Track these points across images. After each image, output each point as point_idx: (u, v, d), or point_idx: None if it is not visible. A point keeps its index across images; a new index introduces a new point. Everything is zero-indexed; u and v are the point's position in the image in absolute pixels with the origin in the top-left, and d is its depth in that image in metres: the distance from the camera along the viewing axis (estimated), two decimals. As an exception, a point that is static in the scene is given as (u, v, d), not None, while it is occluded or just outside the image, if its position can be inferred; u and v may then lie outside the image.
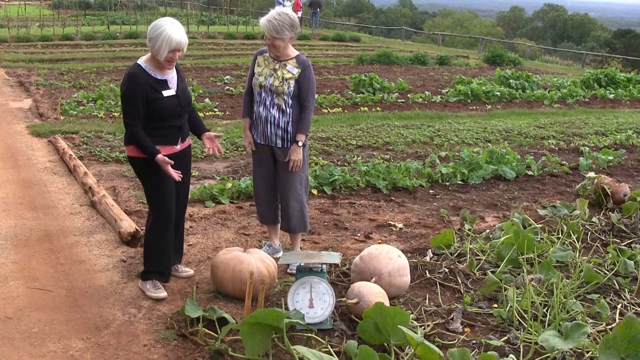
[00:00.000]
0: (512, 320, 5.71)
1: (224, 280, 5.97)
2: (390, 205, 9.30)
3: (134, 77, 5.69)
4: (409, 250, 7.39)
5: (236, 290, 5.93)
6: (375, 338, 4.88)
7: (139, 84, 5.66)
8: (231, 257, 6.00)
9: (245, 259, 5.96)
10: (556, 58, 50.52)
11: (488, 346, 5.23)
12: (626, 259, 6.96)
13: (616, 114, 19.45)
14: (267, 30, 6.26)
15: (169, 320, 5.56)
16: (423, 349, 4.46)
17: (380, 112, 17.36)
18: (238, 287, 5.89)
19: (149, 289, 6.00)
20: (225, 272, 5.95)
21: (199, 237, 7.57)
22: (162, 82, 5.80)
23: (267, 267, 6.00)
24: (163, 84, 5.79)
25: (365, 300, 5.44)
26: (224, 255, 6.07)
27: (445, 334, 5.54)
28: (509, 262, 6.78)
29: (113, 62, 24.44)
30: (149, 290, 5.99)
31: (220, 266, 5.99)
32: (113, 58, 26.05)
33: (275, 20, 6.22)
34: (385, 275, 5.94)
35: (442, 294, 6.31)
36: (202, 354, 5.07)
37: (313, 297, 5.47)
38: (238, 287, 5.89)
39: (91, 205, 8.53)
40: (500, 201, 9.72)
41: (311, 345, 5.04)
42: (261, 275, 5.79)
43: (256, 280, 5.61)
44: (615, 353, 4.56)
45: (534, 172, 11.34)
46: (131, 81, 5.68)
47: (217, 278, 6.03)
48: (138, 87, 5.65)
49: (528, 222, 8.17)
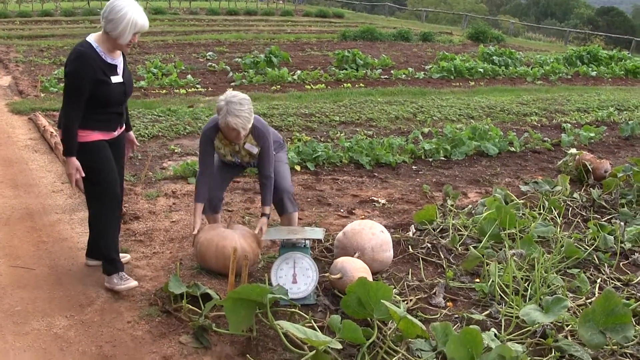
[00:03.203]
0: (494, 294, 5.75)
1: (207, 256, 5.95)
2: (373, 181, 9.31)
3: (83, 57, 5.22)
4: (392, 225, 7.41)
5: (219, 266, 5.92)
6: (358, 313, 4.89)
7: (88, 65, 5.21)
8: (214, 234, 5.99)
9: (229, 235, 5.95)
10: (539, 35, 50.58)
11: (470, 320, 5.26)
12: (606, 235, 7.01)
13: (598, 91, 19.53)
14: (238, 128, 5.75)
15: (153, 297, 5.55)
16: (406, 324, 4.49)
17: (363, 89, 17.36)
18: (221, 263, 5.87)
19: (117, 282, 5.63)
20: (209, 249, 5.92)
21: (182, 213, 7.56)
22: (112, 67, 5.40)
23: (250, 243, 5.99)
24: (112, 69, 5.41)
25: (349, 275, 5.46)
26: (207, 232, 6.05)
27: (428, 309, 5.57)
28: (491, 237, 6.82)
29: (94, 38, 24.24)
30: (118, 284, 5.62)
31: (204, 242, 5.96)
32: (94, 34, 25.86)
33: (244, 113, 5.73)
34: (368, 250, 5.97)
35: (424, 269, 6.34)
36: (186, 329, 5.07)
37: (296, 272, 5.48)
38: (221, 263, 5.87)
39: (73, 183, 8.50)
40: (483, 177, 9.76)
41: (295, 320, 5.05)
42: (244, 252, 5.78)
43: (239, 256, 5.63)
44: (594, 326, 4.60)
45: (516, 149, 11.38)
46: (80, 61, 5.21)
47: (201, 254, 6.00)
48: (87, 68, 5.20)
49: (510, 197, 8.20)
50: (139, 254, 6.40)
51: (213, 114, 12.77)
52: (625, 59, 26.91)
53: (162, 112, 12.70)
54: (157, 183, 8.65)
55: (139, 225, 7.11)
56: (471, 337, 4.18)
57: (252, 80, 17.68)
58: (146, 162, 9.25)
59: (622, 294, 5.92)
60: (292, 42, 28.82)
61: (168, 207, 7.74)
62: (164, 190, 8.30)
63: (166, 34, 29.04)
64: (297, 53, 24.46)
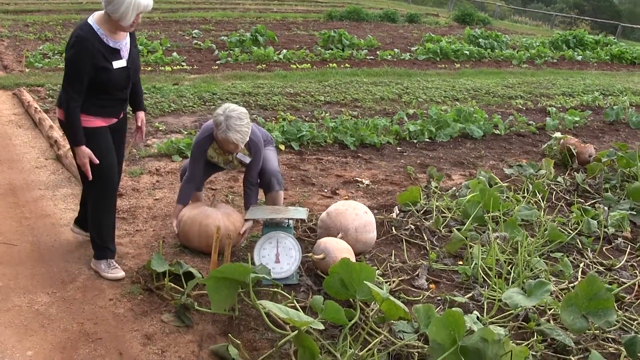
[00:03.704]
0: (476, 277, 5.75)
1: (190, 234, 5.91)
2: (358, 161, 9.29)
3: (83, 43, 4.94)
4: (376, 206, 7.40)
5: (202, 244, 5.89)
6: (341, 293, 4.88)
7: (88, 51, 4.94)
8: (198, 212, 5.94)
9: (212, 213, 5.91)
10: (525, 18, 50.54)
11: (453, 302, 5.26)
12: (590, 219, 7.02)
13: (583, 75, 19.56)
14: (238, 142, 5.75)
15: (135, 275, 5.51)
16: (388, 305, 4.48)
17: (349, 69, 17.31)
18: (204, 242, 5.84)
19: (104, 269, 5.51)
20: (192, 227, 5.88)
21: (165, 191, 7.52)
22: (115, 51, 5.13)
23: (234, 221, 5.95)
24: (115, 54, 5.14)
25: (332, 255, 5.44)
26: (191, 211, 6.00)
27: (411, 290, 5.56)
28: (474, 219, 6.82)
29: (80, 15, 24.13)
30: (104, 270, 5.50)
31: (187, 221, 5.92)
32: (80, 10, 25.73)
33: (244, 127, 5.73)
34: (352, 231, 5.95)
35: (408, 251, 6.33)
36: (168, 308, 5.05)
37: (279, 252, 5.47)
38: (204, 242, 5.84)
39: (57, 159, 8.44)
40: (467, 159, 9.76)
41: (277, 300, 5.04)
42: (227, 230, 5.76)
43: (222, 235, 5.60)
44: (576, 310, 4.60)
45: (501, 131, 11.38)
46: (79, 46, 4.94)
47: (184, 233, 5.95)
48: (86, 54, 4.94)
49: (494, 180, 8.21)
50: (121, 232, 6.35)
51: (198, 93, 12.74)
52: (611, 44, 26.95)
53: (147, 90, 12.60)
54: (141, 160, 8.59)
55: (122, 202, 7.05)
56: (454, 319, 4.17)
57: (238, 59, 17.58)
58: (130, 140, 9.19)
59: (605, 279, 5.94)
60: (278, 21, 28.69)
61: (151, 184, 7.69)
62: (148, 168, 8.25)
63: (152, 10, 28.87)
64: (283, 32, 24.35)
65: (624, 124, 13.14)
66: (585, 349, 4.74)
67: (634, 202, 7.82)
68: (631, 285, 5.83)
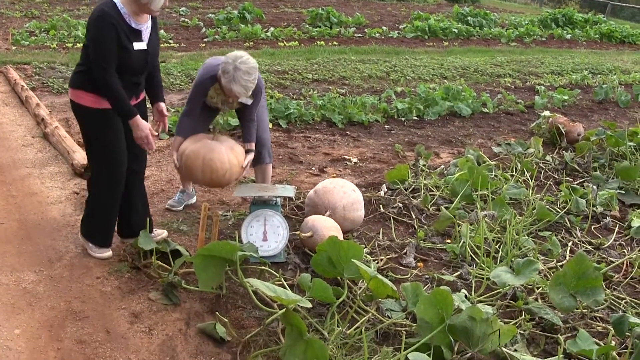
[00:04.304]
0: (464, 255, 5.75)
1: (194, 169, 5.55)
2: (345, 139, 9.28)
3: (106, 19, 4.73)
4: (364, 184, 7.39)
5: (206, 179, 5.59)
6: (328, 271, 4.87)
7: (112, 26, 4.73)
8: (200, 146, 5.58)
9: (216, 147, 5.58)
10: (514, -4, 50.42)
11: (441, 281, 5.26)
12: (578, 198, 7.03)
13: (572, 54, 19.56)
14: (240, 95, 5.60)
15: (122, 253, 5.49)
16: (376, 283, 4.48)
17: (336, 47, 17.26)
18: (208, 177, 5.54)
19: (92, 247, 5.42)
20: (195, 161, 5.51)
21: (152, 169, 7.49)
22: (136, 33, 4.93)
23: (237, 155, 5.72)
24: (136, 35, 4.93)
25: (319, 233, 5.44)
26: (193, 144, 5.62)
27: (399, 269, 5.57)
28: (462, 198, 6.82)
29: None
30: (92, 249, 5.42)
31: (191, 155, 5.54)
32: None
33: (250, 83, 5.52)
34: (340, 209, 5.94)
35: (395, 229, 6.33)
36: (155, 286, 5.04)
37: (267, 230, 5.45)
38: (208, 177, 5.54)
39: (44, 137, 8.39)
40: (455, 137, 9.75)
41: (265, 278, 5.03)
42: (231, 164, 5.58)
43: (227, 169, 5.51)
44: (565, 289, 4.61)
45: (489, 110, 11.37)
46: (103, 23, 4.74)
47: (187, 167, 5.59)
48: (111, 31, 4.74)
49: (482, 158, 8.21)
50: (107, 209, 6.33)
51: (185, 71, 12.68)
52: (600, 22, 26.97)
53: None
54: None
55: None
56: (442, 297, 4.18)
57: (225, 37, 17.50)
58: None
59: (593, 258, 5.95)
60: (266, -2, 28.64)
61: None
62: (134, 145, 8.21)
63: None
64: (271, 10, 24.26)
65: (613, 103, 13.16)
66: (573, 327, 4.75)
67: (623, 181, 7.83)
68: (619, 264, 5.86)
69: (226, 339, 4.40)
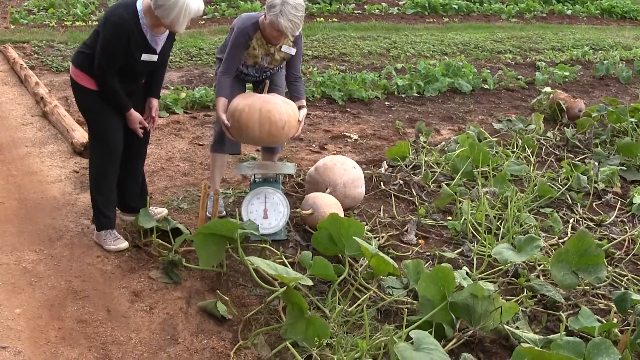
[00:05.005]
0: (466, 232, 5.74)
1: (250, 124, 5.23)
2: (346, 116, 9.26)
3: (123, 28, 4.75)
4: (364, 161, 7.38)
5: (264, 133, 5.28)
6: (329, 249, 4.87)
7: (126, 36, 4.76)
8: (255, 99, 5.35)
9: (271, 98, 5.39)
10: (514, -28, 50.24)
11: (442, 258, 5.25)
12: (580, 174, 7.01)
13: (573, 30, 19.48)
14: (287, 31, 5.22)
15: (123, 232, 5.48)
16: (377, 260, 4.47)
17: (336, 23, 17.19)
18: (266, 130, 5.25)
19: (106, 241, 5.28)
20: (252, 115, 5.22)
21: (152, 147, 7.45)
22: (149, 45, 4.94)
23: (293, 108, 5.48)
24: (149, 47, 4.94)
25: (320, 211, 5.43)
26: (245, 99, 5.37)
27: (400, 246, 5.56)
28: (463, 174, 6.81)
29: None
30: (107, 243, 5.27)
31: (245, 109, 5.25)
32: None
33: (297, 19, 5.21)
34: (340, 186, 5.93)
35: (396, 206, 6.32)
36: (155, 264, 5.03)
37: (267, 207, 5.44)
38: (266, 130, 5.25)
39: (43, 116, 8.37)
40: (456, 114, 9.73)
41: (265, 256, 5.02)
42: (289, 117, 5.35)
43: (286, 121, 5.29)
44: (566, 266, 4.60)
45: (490, 86, 11.34)
46: (118, 32, 4.75)
47: (243, 123, 5.25)
48: (123, 40, 4.76)
49: (483, 135, 8.19)
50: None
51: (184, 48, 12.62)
52: (600, -3, 26.86)
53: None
54: (127, 115, 8.53)
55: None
56: (443, 275, 4.17)
57: (225, 14, 17.42)
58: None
59: (595, 235, 5.94)
60: (264, -26, 28.45)
61: (137, 140, 7.65)
62: (134, 123, 8.19)
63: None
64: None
65: (614, 79, 13.10)
66: (575, 305, 4.74)
67: (624, 157, 7.81)
68: (621, 241, 5.84)
69: (227, 317, 4.40)
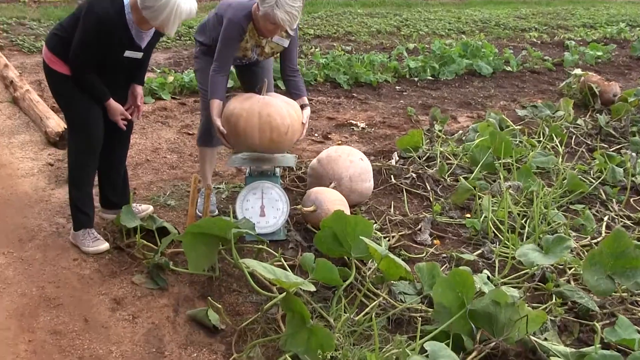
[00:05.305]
0: (486, 232, 5.73)
1: (248, 130, 5.21)
2: (352, 102, 9.25)
3: (106, 24, 4.73)
4: (373, 152, 7.38)
5: (265, 140, 5.26)
6: (334, 250, 4.86)
7: (108, 32, 4.76)
8: (253, 102, 5.30)
9: (271, 100, 5.34)
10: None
11: (460, 260, 5.23)
12: (614, 166, 6.98)
13: (607, 4, 19.49)
14: (284, 24, 5.12)
15: (103, 231, 5.46)
16: (387, 263, 4.45)
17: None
18: (267, 137, 5.23)
19: (84, 242, 5.23)
20: (250, 120, 5.20)
21: (136, 137, 7.45)
22: (133, 42, 4.95)
23: (295, 109, 5.47)
24: (133, 44, 4.95)
25: (324, 207, 5.41)
26: (242, 102, 5.32)
27: (413, 247, 5.54)
28: (483, 167, 6.79)
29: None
30: (85, 244, 5.22)
31: (242, 114, 5.22)
32: None
33: (295, 10, 5.09)
34: (346, 180, 5.91)
35: (408, 202, 6.31)
36: (139, 268, 5.01)
37: (265, 204, 5.42)
38: (267, 137, 5.23)
39: (13, 102, 8.37)
40: (475, 99, 9.72)
41: (262, 258, 5.02)
42: (292, 119, 5.35)
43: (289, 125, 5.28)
44: (601, 270, 4.57)
45: (512, 68, 11.34)
46: (100, 27, 4.72)
47: (241, 129, 5.23)
48: (104, 36, 4.75)
49: (505, 123, 8.17)
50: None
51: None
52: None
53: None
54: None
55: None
56: (461, 279, 4.15)
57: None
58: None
59: (633, 234, 5.90)
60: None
61: (118, 129, 7.65)
62: (114, 110, 8.19)
63: None
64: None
65: (653, 59, 13.11)
66: (612, 313, 4.70)
67: (664, 147, 7.80)
68: (661, 241, 5.82)
69: (219, 327, 4.38)
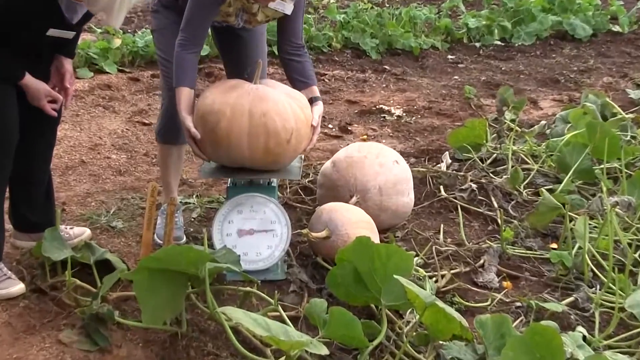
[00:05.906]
0: (581, 270, 5.71)
1: (232, 136, 5.12)
2: (383, 78, 9.28)
3: None
4: (413, 152, 7.41)
5: (258, 150, 5.17)
6: (356, 295, 4.85)
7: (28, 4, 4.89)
8: (241, 94, 5.20)
9: (268, 92, 5.24)
10: None
11: (542, 312, 5.23)
12: None
13: None
14: None
15: (15, 266, 5.45)
16: (434, 315, 4.45)
17: None
18: (262, 146, 5.14)
19: None
20: (236, 122, 5.10)
21: (66, 127, 7.46)
22: (63, 19, 5.03)
23: (301, 107, 5.41)
24: (62, 21, 5.04)
25: (341, 232, 5.41)
26: (223, 94, 5.25)
27: (472, 291, 5.53)
28: (577, 174, 6.79)
29: None
30: None
31: (226, 112, 5.11)
32: None
33: None
34: (374, 192, 5.92)
35: (466, 225, 6.32)
36: (70, 320, 4.97)
37: (255, 227, 5.41)
38: (262, 146, 5.14)
39: None
40: (565, 75, 9.74)
41: (251, 306, 5.01)
42: (297, 121, 5.26)
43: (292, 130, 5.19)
44: None
45: (622, 28, 11.35)
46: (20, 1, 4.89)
47: (219, 136, 5.15)
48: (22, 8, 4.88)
49: (611, 109, 8.16)
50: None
51: None
52: None
53: None
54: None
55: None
56: (544, 339, 4.15)
57: None
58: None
59: None
60: None
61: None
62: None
63: None
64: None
65: None
66: None
67: None
68: None
69: (188, 409, 4.41)
